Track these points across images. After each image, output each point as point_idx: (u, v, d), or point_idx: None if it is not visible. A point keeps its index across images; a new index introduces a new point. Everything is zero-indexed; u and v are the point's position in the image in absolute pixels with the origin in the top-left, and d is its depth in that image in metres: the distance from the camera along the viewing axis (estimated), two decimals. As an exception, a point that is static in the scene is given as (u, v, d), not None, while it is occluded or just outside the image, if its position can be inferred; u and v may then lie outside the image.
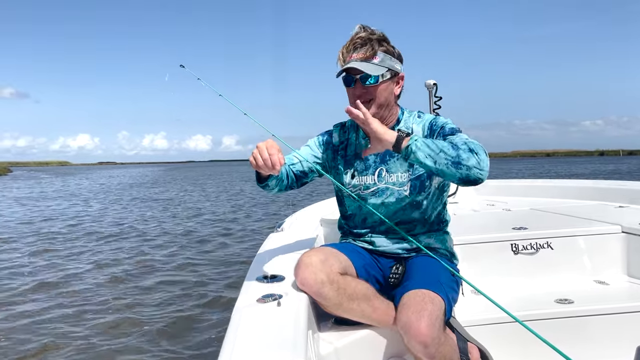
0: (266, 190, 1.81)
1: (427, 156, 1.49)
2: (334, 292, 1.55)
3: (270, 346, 1.15)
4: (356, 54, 1.70)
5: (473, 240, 2.36)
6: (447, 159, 1.48)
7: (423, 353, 1.41)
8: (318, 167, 1.86)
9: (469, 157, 1.47)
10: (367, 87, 1.70)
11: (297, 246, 2.12)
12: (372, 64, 1.68)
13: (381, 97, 1.73)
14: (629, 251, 2.35)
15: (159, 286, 5.69)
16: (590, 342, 1.87)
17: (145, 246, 8.33)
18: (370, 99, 1.71)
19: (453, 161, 1.47)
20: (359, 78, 1.70)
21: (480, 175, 1.48)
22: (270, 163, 1.51)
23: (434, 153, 1.49)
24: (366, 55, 1.69)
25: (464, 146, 1.50)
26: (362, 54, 1.70)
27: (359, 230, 1.87)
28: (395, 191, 1.78)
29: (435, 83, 3.80)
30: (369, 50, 1.70)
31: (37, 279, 6.07)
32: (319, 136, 1.96)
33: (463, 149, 1.49)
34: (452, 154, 1.48)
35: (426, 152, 1.50)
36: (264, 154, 1.51)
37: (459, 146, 1.50)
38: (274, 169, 1.52)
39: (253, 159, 1.53)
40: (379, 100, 1.73)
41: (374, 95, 1.72)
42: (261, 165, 1.52)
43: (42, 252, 7.88)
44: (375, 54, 1.70)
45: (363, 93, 1.71)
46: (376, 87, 1.71)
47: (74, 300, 5.19)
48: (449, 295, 1.59)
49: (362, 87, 1.70)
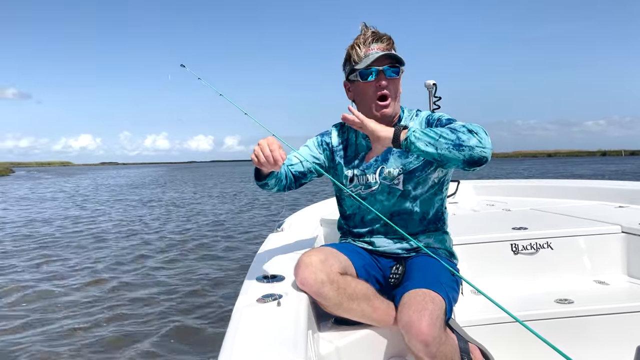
0: (265, 189, 1.80)
1: (428, 144, 1.49)
2: (334, 292, 1.55)
3: (270, 346, 1.15)
4: (378, 45, 1.69)
5: (473, 240, 2.36)
6: (448, 143, 1.48)
7: (424, 352, 1.40)
8: (317, 167, 1.86)
9: (470, 138, 1.47)
10: (389, 80, 1.70)
11: (297, 246, 2.12)
12: (396, 53, 1.70)
13: (398, 92, 1.75)
14: (628, 251, 2.35)
15: (158, 286, 5.69)
16: (590, 342, 1.87)
17: (144, 245, 8.33)
18: (391, 94, 1.71)
19: (454, 144, 1.47)
20: (383, 70, 1.69)
21: (484, 154, 1.48)
22: (272, 159, 1.51)
23: (433, 140, 1.49)
24: (389, 46, 1.70)
25: (462, 128, 1.50)
26: (385, 46, 1.69)
27: (359, 230, 1.87)
28: (387, 186, 1.79)
29: (435, 83, 3.80)
30: (388, 43, 1.71)
31: (37, 279, 6.08)
32: (318, 136, 1.94)
33: (462, 131, 1.49)
34: (452, 137, 1.48)
35: (426, 141, 1.49)
36: (265, 151, 1.51)
37: (457, 129, 1.50)
38: (275, 165, 1.52)
39: (255, 156, 1.53)
40: (398, 94, 1.75)
41: (395, 88, 1.73)
42: (263, 162, 1.52)
43: (42, 256, 7.88)
44: (393, 46, 1.71)
45: (387, 85, 1.70)
46: (397, 80, 1.73)
47: (72, 296, 5.20)
48: (450, 294, 1.58)
49: (386, 79, 1.70)
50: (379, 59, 1.68)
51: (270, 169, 1.57)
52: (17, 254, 7.74)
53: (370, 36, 1.70)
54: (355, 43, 1.73)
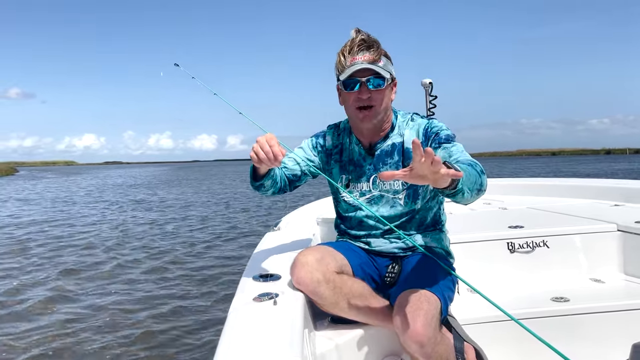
0: (260, 192, 1.77)
1: (468, 190, 1.35)
2: (330, 291, 1.55)
3: (267, 345, 1.14)
4: (362, 55, 1.65)
5: (469, 239, 2.36)
6: (475, 187, 1.38)
7: (419, 352, 1.40)
8: (312, 170, 1.84)
9: (483, 182, 1.42)
10: (372, 91, 1.66)
11: (294, 245, 2.12)
12: (379, 67, 1.65)
13: (383, 102, 1.70)
14: (624, 249, 2.36)
15: (154, 284, 5.68)
16: (586, 340, 1.88)
17: (143, 244, 8.32)
18: (374, 104, 1.68)
19: (478, 189, 1.40)
20: (365, 81, 1.65)
21: (482, 195, 1.45)
22: (272, 155, 1.47)
23: (472, 186, 1.35)
24: (374, 57, 1.65)
25: (477, 167, 1.43)
26: (369, 56, 1.64)
27: (356, 232, 1.86)
28: (390, 199, 1.77)
29: (431, 82, 3.79)
30: (375, 53, 1.65)
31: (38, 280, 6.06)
32: (313, 138, 1.92)
33: (479, 171, 1.42)
34: (478, 181, 1.39)
35: (468, 186, 1.34)
36: (265, 147, 1.47)
37: (477, 169, 1.42)
38: (275, 160, 1.48)
39: (254, 153, 1.49)
40: (382, 105, 1.69)
41: (379, 99, 1.68)
42: (262, 158, 1.48)
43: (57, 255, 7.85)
44: (380, 57, 1.66)
45: (368, 97, 1.66)
46: (382, 91, 1.67)
47: (70, 295, 5.19)
48: (445, 294, 1.58)
49: (367, 91, 1.66)
50: (362, 70, 1.64)
51: (270, 166, 1.53)
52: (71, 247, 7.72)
53: (357, 44, 1.65)
54: (342, 51, 1.69)
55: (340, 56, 1.69)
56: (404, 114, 1.83)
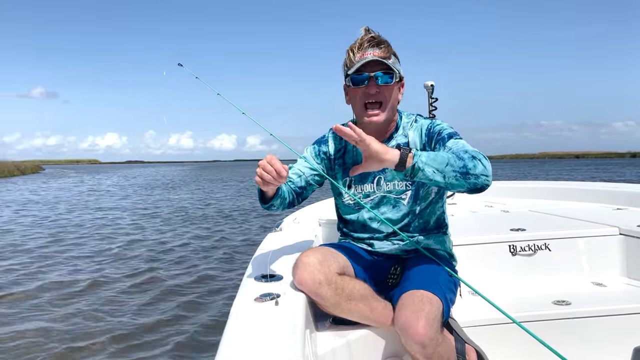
0: (271, 210, 1.78)
1: (435, 171, 1.42)
2: (332, 292, 1.55)
3: (268, 345, 1.14)
4: (372, 51, 1.65)
5: (471, 242, 2.36)
6: (455, 171, 1.42)
7: (421, 353, 1.40)
8: (317, 178, 1.85)
9: (475, 165, 1.43)
10: (381, 87, 1.66)
11: (296, 246, 2.12)
12: (388, 62, 1.65)
13: (392, 99, 1.70)
14: (626, 253, 2.35)
15: (155, 284, 5.69)
16: (587, 344, 1.87)
17: (142, 243, 8.33)
18: (382, 101, 1.68)
19: (461, 172, 1.42)
20: (374, 76, 1.65)
21: (487, 182, 1.46)
22: (276, 173, 1.47)
23: (441, 167, 1.42)
24: (384, 54, 1.65)
25: (466, 155, 1.46)
26: (379, 52, 1.65)
27: (359, 234, 1.86)
28: (393, 199, 1.77)
29: (433, 84, 3.81)
30: (385, 50, 1.66)
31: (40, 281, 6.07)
32: (315, 145, 1.92)
33: (467, 157, 1.45)
34: (459, 164, 1.43)
35: (433, 168, 1.42)
36: (267, 168, 1.47)
37: (463, 155, 1.46)
38: (281, 177, 1.48)
39: (259, 177, 1.48)
40: (391, 103, 1.70)
41: (387, 96, 1.68)
42: (268, 179, 1.47)
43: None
44: (390, 55, 1.67)
45: (377, 92, 1.67)
46: (391, 87, 1.68)
47: (67, 295, 5.20)
48: (447, 296, 1.58)
49: (376, 86, 1.66)
50: (370, 64, 1.64)
51: (277, 184, 1.52)
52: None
53: (367, 41, 1.66)
54: (351, 48, 1.69)
55: (350, 52, 1.70)
56: (408, 115, 1.83)
